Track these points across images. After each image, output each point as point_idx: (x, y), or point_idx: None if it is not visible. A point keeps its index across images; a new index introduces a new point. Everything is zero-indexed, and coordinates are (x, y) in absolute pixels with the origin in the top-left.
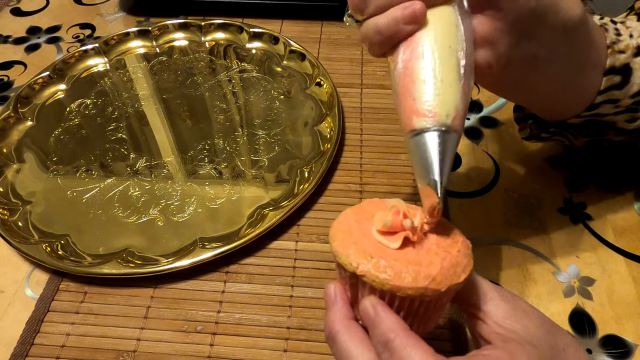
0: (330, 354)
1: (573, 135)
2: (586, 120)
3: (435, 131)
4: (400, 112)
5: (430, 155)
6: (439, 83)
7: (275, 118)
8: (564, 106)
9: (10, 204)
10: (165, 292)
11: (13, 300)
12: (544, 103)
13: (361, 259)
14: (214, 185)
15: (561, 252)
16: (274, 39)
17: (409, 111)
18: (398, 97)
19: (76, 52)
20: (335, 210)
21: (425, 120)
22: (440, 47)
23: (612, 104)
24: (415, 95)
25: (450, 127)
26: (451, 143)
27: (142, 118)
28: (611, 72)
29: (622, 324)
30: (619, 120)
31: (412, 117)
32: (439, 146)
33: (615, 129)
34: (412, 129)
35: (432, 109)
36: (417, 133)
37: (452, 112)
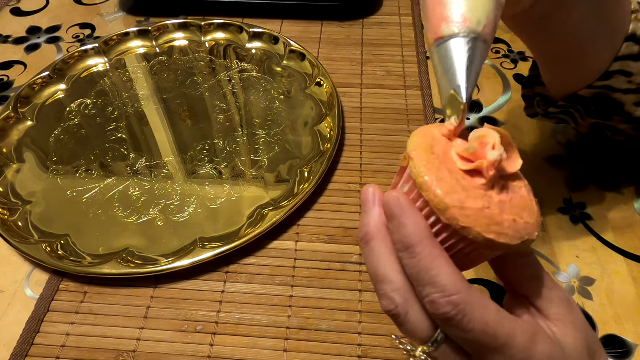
0: (330, 354)
1: (580, 114)
2: (597, 93)
3: (464, 37)
4: (428, 21)
5: (457, 61)
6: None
7: (275, 118)
8: (581, 65)
9: (10, 204)
10: (165, 292)
11: (13, 300)
12: (562, 59)
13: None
14: (214, 185)
15: (561, 252)
16: (274, 39)
17: (437, 19)
18: (427, 7)
19: (76, 52)
20: (335, 210)
21: (455, 25)
22: None
23: (626, 78)
24: (445, 2)
25: (481, 35)
26: (480, 52)
27: (142, 118)
28: (632, 39)
29: (622, 324)
30: (627, 101)
31: (441, 24)
32: (467, 52)
33: (622, 114)
34: (440, 36)
35: (463, 15)
36: (445, 40)
37: (483, 20)
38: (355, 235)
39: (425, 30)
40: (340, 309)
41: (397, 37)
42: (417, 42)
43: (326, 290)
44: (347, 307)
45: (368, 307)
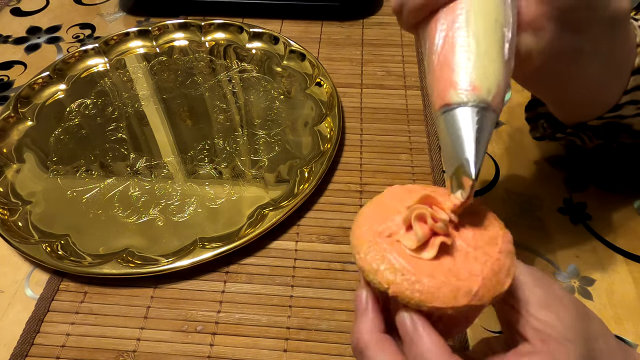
0: (330, 354)
1: (588, 137)
2: (606, 122)
3: (473, 107)
4: (434, 85)
5: (465, 132)
6: (482, 55)
7: (275, 118)
8: (591, 106)
9: (10, 204)
10: (165, 292)
11: (13, 300)
12: (573, 102)
13: (392, 276)
14: (214, 185)
15: (561, 252)
16: (274, 39)
17: (445, 83)
18: (433, 69)
19: (76, 52)
20: (335, 210)
21: (463, 93)
22: (486, 18)
23: (635, 105)
24: (454, 67)
25: (490, 105)
26: (489, 123)
27: (142, 118)
28: (638, 72)
29: (622, 324)
30: (635, 122)
31: (449, 90)
32: (476, 124)
33: (630, 132)
34: (447, 103)
35: (472, 82)
36: (453, 108)
37: (493, 89)
38: None
39: (430, 93)
40: (340, 309)
41: (397, 37)
42: (417, 42)
43: (326, 290)
44: (347, 307)
45: None
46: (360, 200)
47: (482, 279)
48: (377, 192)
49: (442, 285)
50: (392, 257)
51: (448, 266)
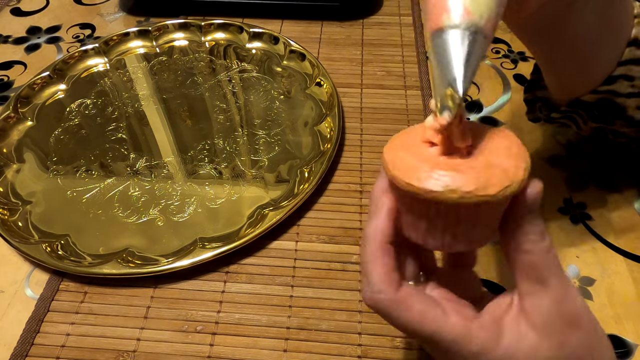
0: (330, 354)
1: (583, 119)
2: (600, 98)
3: (465, 30)
4: (429, 12)
5: (455, 54)
6: None
7: (275, 118)
8: (584, 72)
9: (10, 204)
10: (165, 292)
11: (13, 300)
12: (567, 62)
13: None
14: (214, 185)
15: (561, 252)
16: (274, 39)
17: (440, 9)
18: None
19: (76, 52)
20: (335, 210)
21: (456, 16)
22: None
23: (629, 82)
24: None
25: (482, 29)
26: (480, 46)
27: (142, 118)
28: (634, 43)
29: (622, 324)
30: (630, 105)
31: (442, 14)
32: (467, 46)
33: (624, 117)
34: (440, 26)
35: (465, 7)
36: (444, 32)
37: (485, 14)
38: (355, 235)
39: (425, 22)
40: (340, 309)
41: (397, 37)
42: (417, 42)
43: (326, 290)
44: (347, 307)
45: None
46: (360, 200)
47: (496, 173)
48: None
49: (410, 165)
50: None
51: (464, 163)
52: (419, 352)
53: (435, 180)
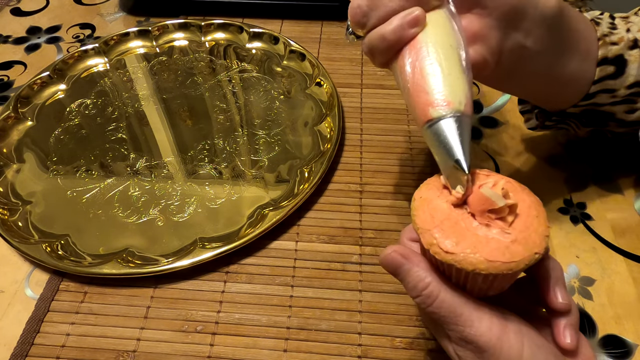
0: (330, 354)
1: (575, 124)
2: (584, 109)
3: (451, 117)
4: (414, 107)
5: (450, 139)
6: (447, 76)
7: (275, 118)
8: (559, 96)
9: (10, 204)
10: (165, 292)
11: (13, 300)
12: (540, 93)
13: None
14: (214, 185)
15: (561, 252)
16: (274, 39)
17: (423, 104)
18: (410, 95)
19: (76, 52)
20: (335, 210)
21: (441, 108)
22: (443, 46)
23: (608, 94)
24: (427, 90)
25: (464, 112)
26: (467, 126)
27: (142, 118)
28: (604, 62)
29: (622, 324)
30: (617, 111)
31: (428, 109)
32: (457, 130)
33: (615, 120)
34: (429, 119)
35: (445, 99)
36: (435, 122)
37: (463, 100)
38: (355, 235)
39: (412, 112)
40: (340, 309)
41: None
42: None
43: (326, 290)
44: (347, 307)
45: (368, 307)
46: (360, 200)
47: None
48: (377, 192)
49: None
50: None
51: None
52: (419, 352)
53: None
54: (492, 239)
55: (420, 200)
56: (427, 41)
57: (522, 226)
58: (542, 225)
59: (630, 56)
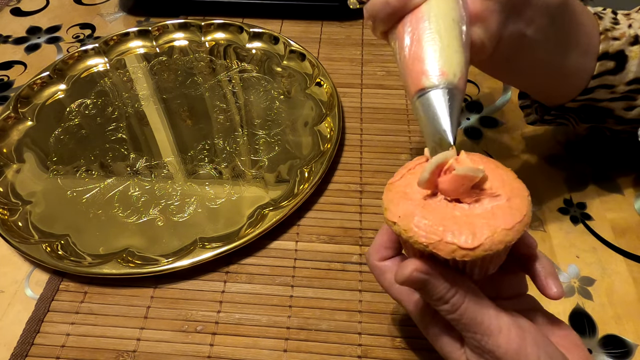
0: (330, 354)
1: (574, 119)
2: (583, 104)
3: (444, 88)
4: (407, 76)
5: (440, 110)
6: (446, 48)
7: (275, 118)
8: (557, 89)
9: (10, 204)
10: (165, 292)
11: (13, 300)
12: (538, 85)
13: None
14: (214, 185)
15: (561, 252)
16: (274, 39)
17: (418, 72)
18: (405, 64)
19: (76, 52)
20: (335, 210)
21: (434, 78)
22: (444, 19)
23: (607, 90)
24: (423, 58)
25: (457, 86)
26: (458, 100)
27: (142, 118)
28: (604, 57)
29: (622, 324)
30: (616, 107)
31: (421, 77)
32: (448, 102)
33: (614, 117)
34: (421, 88)
35: (440, 69)
36: (426, 92)
37: (458, 73)
38: (355, 235)
39: (405, 83)
40: (340, 309)
41: None
42: None
43: (326, 290)
44: (347, 307)
45: (368, 307)
46: (360, 200)
47: (486, 233)
48: (377, 192)
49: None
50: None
51: (460, 214)
52: (418, 352)
53: (450, 244)
54: (495, 208)
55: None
56: (430, 12)
57: (499, 184)
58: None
59: (631, 52)
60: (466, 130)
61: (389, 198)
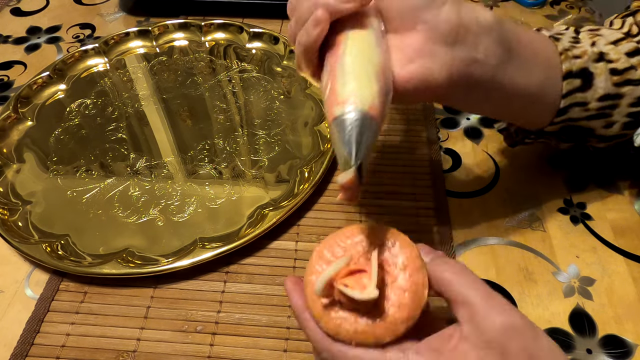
0: None
1: (555, 141)
2: (562, 127)
3: (353, 113)
4: (326, 107)
5: (347, 134)
6: (357, 79)
7: (275, 118)
8: (531, 112)
9: (10, 204)
10: (165, 292)
11: (13, 300)
12: (510, 112)
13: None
14: (214, 185)
15: (561, 252)
16: (274, 39)
17: (332, 102)
18: (326, 97)
19: (76, 52)
20: (335, 210)
21: (344, 106)
22: (358, 57)
23: (581, 107)
24: (337, 89)
25: (368, 113)
26: (369, 127)
27: (142, 118)
28: (569, 76)
29: (622, 324)
30: (596, 126)
31: (333, 106)
32: (357, 127)
33: (595, 136)
34: (335, 116)
35: (350, 98)
36: (337, 118)
37: (369, 103)
38: None
39: (326, 114)
40: None
41: None
42: None
43: None
44: None
45: None
46: (360, 200)
47: (346, 331)
48: (377, 192)
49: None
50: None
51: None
52: None
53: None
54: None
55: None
56: (346, 53)
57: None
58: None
59: (596, 69)
60: (466, 130)
61: None
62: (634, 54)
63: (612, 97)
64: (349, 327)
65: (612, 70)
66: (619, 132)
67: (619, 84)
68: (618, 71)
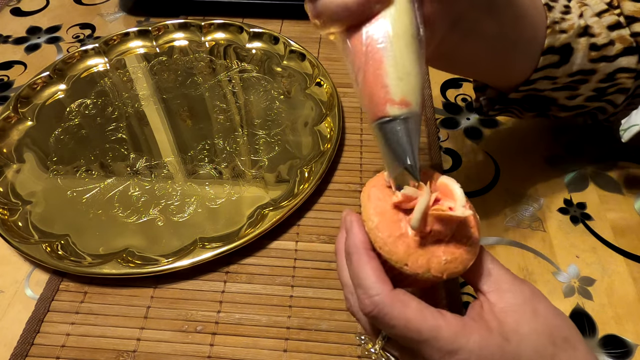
0: (330, 354)
1: (519, 111)
2: (525, 95)
3: (406, 118)
4: (369, 99)
5: (403, 141)
6: (408, 75)
7: (275, 118)
8: (499, 79)
9: (10, 204)
10: (165, 292)
11: (13, 300)
12: (480, 75)
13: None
14: (214, 185)
15: (561, 252)
16: (274, 39)
17: (381, 99)
18: (365, 83)
19: (76, 52)
20: (335, 210)
21: (399, 108)
22: (404, 36)
23: (549, 81)
24: (387, 85)
25: (418, 113)
26: (418, 128)
27: (142, 118)
28: (549, 51)
29: (622, 324)
30: (559, 96)
31: (385, 105)
32: (410, 132)
33: (557, 105)
34: (384, 115)
35: (404, 98)
36: (389, 121)
37: (419, 100)
38: None
39: (364, 104)
40: (340, 309)
41: None
42: None
43: (326, 290)
44: None
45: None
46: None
47: (437, 262)
48: None
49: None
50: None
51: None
52: None
53: (413, 264)
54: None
55: (367, 199)
56: (390, 28)
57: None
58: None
59: (578, 44)
60: (466, 130)
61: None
62: (614, 27)
63: (585, 73)
64: (439, 259)
65: (592, 45)
66: (581, 104)
67: (595, 59)
68: (597, 46)
